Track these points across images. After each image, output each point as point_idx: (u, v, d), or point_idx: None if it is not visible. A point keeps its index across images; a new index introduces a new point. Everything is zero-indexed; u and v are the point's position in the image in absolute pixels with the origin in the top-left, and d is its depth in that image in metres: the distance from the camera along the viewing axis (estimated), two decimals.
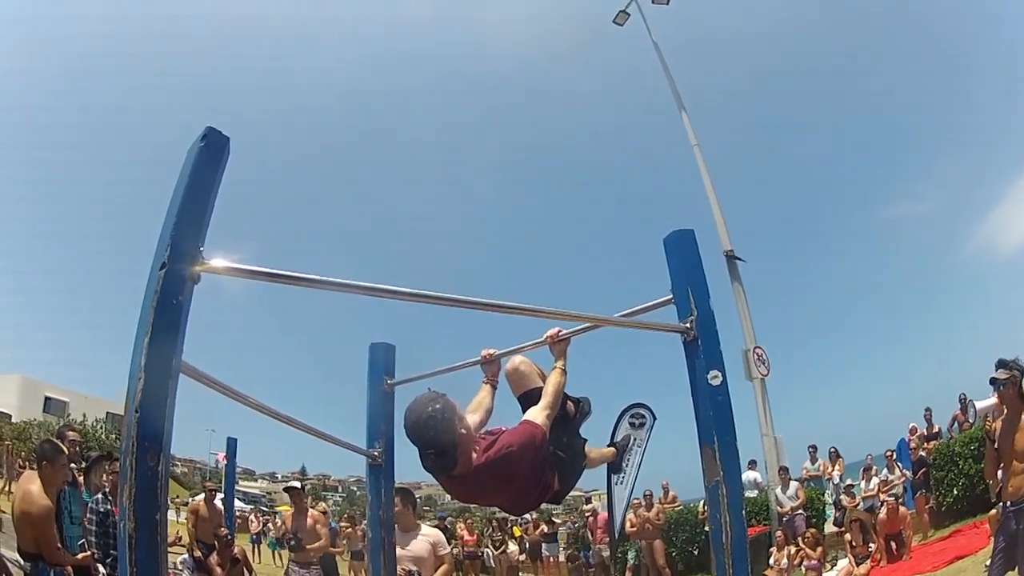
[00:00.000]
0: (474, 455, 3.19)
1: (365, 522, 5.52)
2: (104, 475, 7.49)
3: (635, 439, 14.45)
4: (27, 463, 19.68)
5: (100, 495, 7.02)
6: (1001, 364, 6.24)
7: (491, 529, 19.21)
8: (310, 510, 9.73)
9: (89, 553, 6.45)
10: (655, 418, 14.34)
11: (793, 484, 14.25)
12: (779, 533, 12.93)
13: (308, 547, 8.91)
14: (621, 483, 14.49)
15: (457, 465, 3.13)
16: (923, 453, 14.40)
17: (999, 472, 6.47)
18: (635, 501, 15.14)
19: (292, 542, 8.99)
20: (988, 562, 6.63)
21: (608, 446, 4.74)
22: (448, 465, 3.13)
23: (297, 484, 10.38)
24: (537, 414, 3.39)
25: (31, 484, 5.91)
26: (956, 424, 15.11)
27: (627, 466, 14.60)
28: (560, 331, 3.66)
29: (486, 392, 3.97)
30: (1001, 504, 6.39)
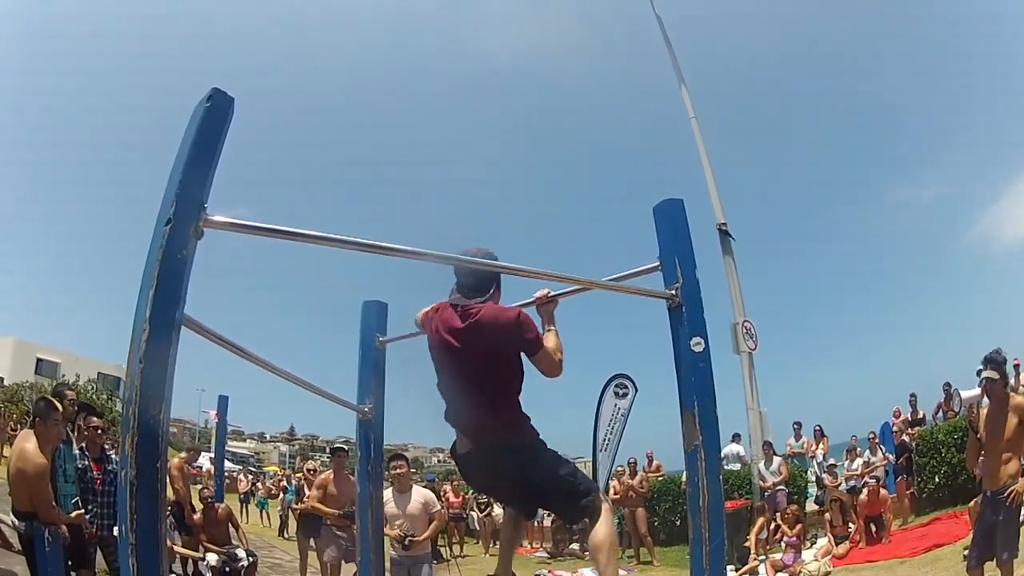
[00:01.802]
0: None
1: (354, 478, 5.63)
2: (80, 431, 7.42)
3: (619, 408, 14.60)
4: (19, 426, 19.66)
5: (78, 451, 6.98)
6: (989, 361, 6.26)
7: (476, 492, 19.33)
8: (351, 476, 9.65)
9: (82, 511, 6.45)
10: (637, 389, 14.48)
11: (776, 459, 14.27)
12: (762, 503, 13.08)
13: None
14: (605, 450, 14.64)
15: (484, 299, 3.54)
16: (906, 438, 14.48)
17: (980, 461, 6.52)
18: (619, 468, 15.26)
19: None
20: (966, 552, 6.69)
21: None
22: (475, 297, 3.54)
23: (343, 447, 10.34)
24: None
25: (27, 442, 5.90)
26: (941, 412, 15.21)
27: (610, 434, 14.78)
28: (549, 292, 3.75)
29: None
30: (981, 493, 6.45)
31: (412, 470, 7.32)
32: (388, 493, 7.16)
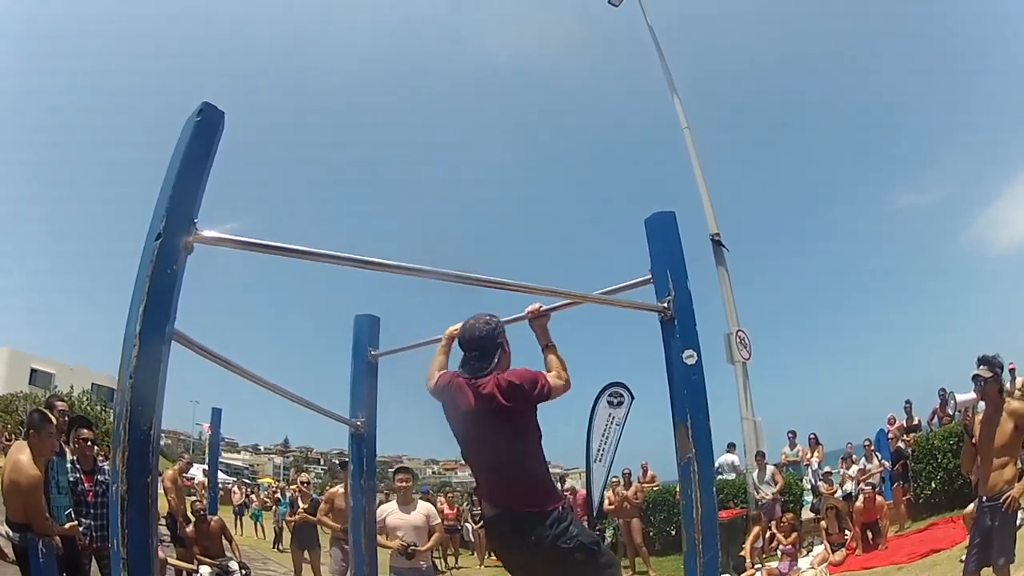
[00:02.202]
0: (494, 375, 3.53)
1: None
2: (72, 443, 7.39)
3: (613, 417, 14.53)
4: (12, 436, 19.57)
5: (68, 464, 6.95)
6: (983, 361, 6.22)
7: (471, 503, 19.27)
8: None
9: (76, 523, 6.43)
10: (632, 397, 14.39)
11: (769, 468, 14.19)
12: (757, 512, 13.05)
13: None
14: (599, 461, 14.57)
15: (490, 369, 3.53)
16: (901, 444, 14.47)
17: (976, 467, 6.49)
18: (614, 479, 15.18)
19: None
20: (963, 557, 6.66)
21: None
22: (483, 367, 3.54)
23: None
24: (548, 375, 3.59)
25: (20, 454, 5.89)
26: (936, 418, 15.20)
27: (605, 444, 14.72)
28: (540, 306, 3.76)
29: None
30: (977, 499, 6.42)
31: (411, 483, 7.42)
32: (392, 505, 7.39)
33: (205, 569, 9.51)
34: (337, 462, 13.07)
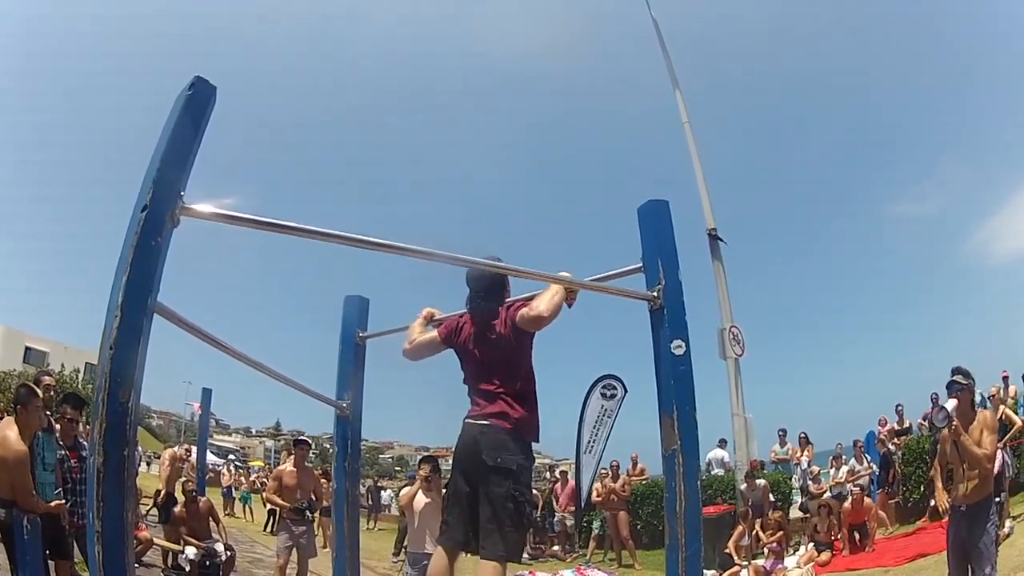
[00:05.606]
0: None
1: None
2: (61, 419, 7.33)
3: (605, 409, 14.50)
4: (3, 414, 19.50)
5: (56, 440, 6.90)
6: (958, 371, 6.37)
7: None
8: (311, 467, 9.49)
9: (62, 501, 6.40)
10: (626, 390, 14.37)
11: (760, 483, 13.97)
12: (745, 509, 13.01)
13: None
14: (589, 452, 14.55)
15: (496, 308, 3.81)
16: (892, 447, 14.45)
17: (950, 472, 6.51)
18: (602, 471, 15.17)
19: (307, 506, 8.73)
20: None
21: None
22: (491, 307, 3.81)
23: (307, 439, 10.31)
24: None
25: (8, 430, 5.87)
26: (927, 422, 15.19)
27: (596, 436, 14.71)
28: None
29: None
30: (951, 508, 6.41)
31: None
32: (411, 490, 8.09)
33: (191, 550, 9.50)
34: (295, 440, 12.56)
